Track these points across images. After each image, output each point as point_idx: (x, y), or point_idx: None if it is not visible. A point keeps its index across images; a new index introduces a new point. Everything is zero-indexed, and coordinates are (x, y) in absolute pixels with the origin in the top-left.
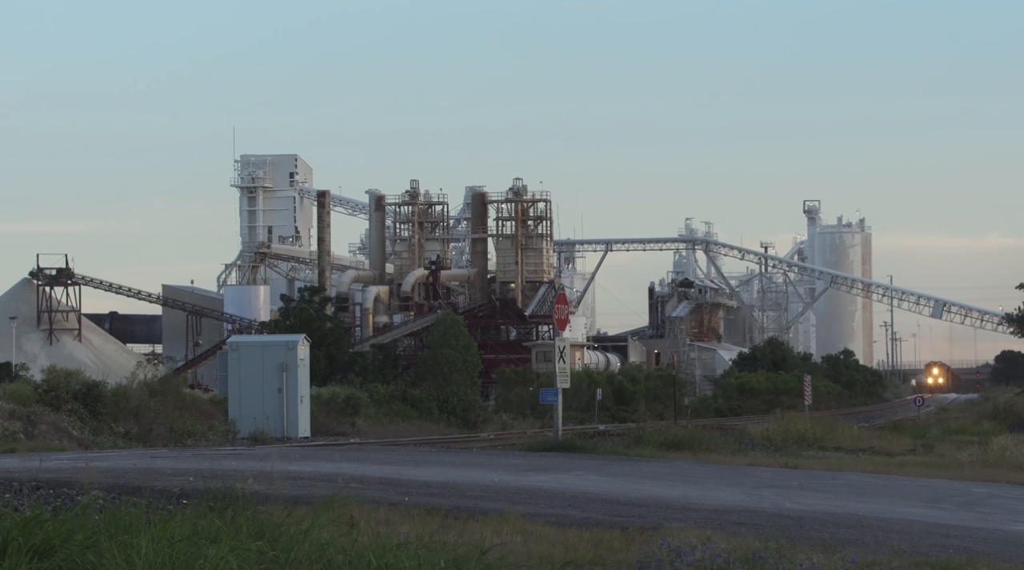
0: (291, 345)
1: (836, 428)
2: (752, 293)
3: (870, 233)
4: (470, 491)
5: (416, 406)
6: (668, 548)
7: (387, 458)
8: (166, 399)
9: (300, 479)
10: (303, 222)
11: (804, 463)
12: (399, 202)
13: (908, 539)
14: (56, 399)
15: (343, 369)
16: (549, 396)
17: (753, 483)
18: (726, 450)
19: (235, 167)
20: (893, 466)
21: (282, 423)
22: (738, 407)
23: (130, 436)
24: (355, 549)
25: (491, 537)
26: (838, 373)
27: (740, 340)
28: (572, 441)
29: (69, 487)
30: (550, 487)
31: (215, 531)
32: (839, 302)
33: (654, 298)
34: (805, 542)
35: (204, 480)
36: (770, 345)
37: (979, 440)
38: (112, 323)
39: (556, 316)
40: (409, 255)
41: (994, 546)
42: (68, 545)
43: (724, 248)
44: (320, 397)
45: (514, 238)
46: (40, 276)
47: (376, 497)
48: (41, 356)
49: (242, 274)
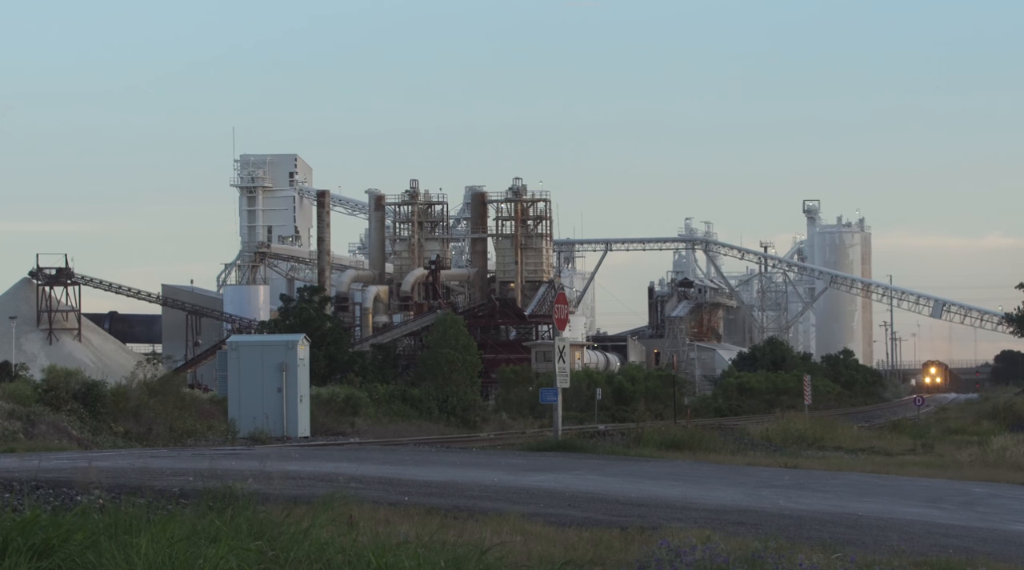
0: (291, 345)
1: (836, 428)
2: (752, 293)
3: (870, 233)
4: (470, 491)
5: (416, 406)
6: (668, 548)
7: (387, 458)
8: (166, 399)
9: (300, 479)
10: (303, 222)
11: (804, 463)
12: (399, 202)
13: (908, 539)
14: (56, 399)
15: (343, 369)
16: (549, 396)
17: (753, 483)
18: (726, 450)
19: (235, 167)
20: (893, 466)
21: (282, 423)
22: (738, 407)
23: (130, 436)
24: (355, 549)
25: (491, 537)
26: (838, 373)
27: (740, 340)
28: (572, 441)
29: (69, 487)
30: (550, 487)
31: (215, 531)
32: (839, 302)
33: (654, 298)
34: (805, 542)
35: (204, 480)
36: (770, 345)
37: (979, 440)
38: (112, 323)
39: (556, 316)
40: (409, 255)
41: (994, 546)
42: (68, 545)
43: (724, 248)
44: (320, 397)
45: (514, 238)
46: (40, 276)
47: (376, 497)
48: (41, 356)
49: (242, 274)
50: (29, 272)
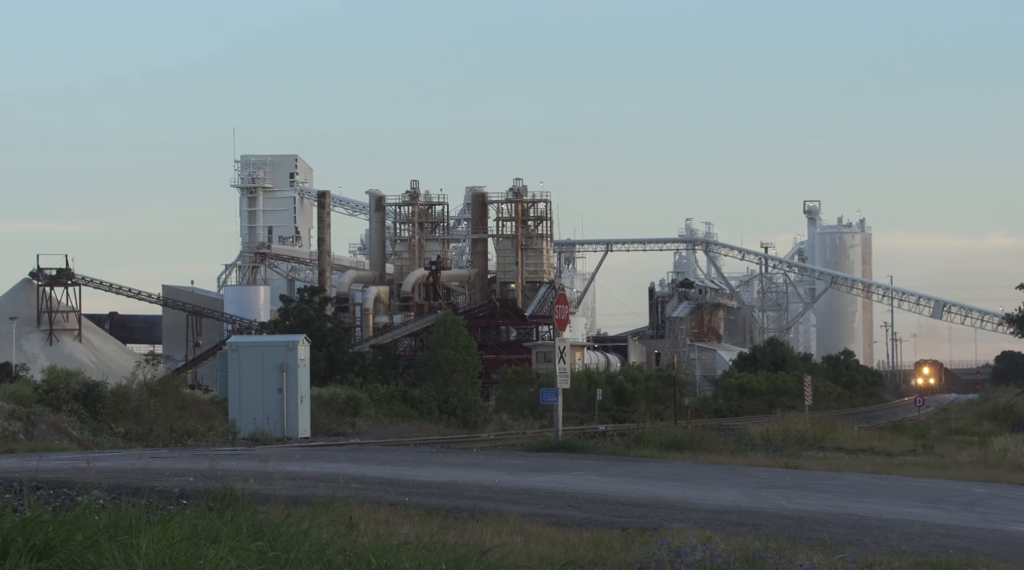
0: (291, 345)
1: (836, 428)
2: (752, 293)
3: (870, 233)
4: (470, 491)
5: (416, 406)
6: (668, 548)
7: (387, 458)
8: (166, 399)
9: (300, 479)
10: (303, 222)
11: (804, 463)
12: (399, 202)
13: (908, 539)
14: (56, 399)
15: (343, 369)
16: (549, 396)
17: (753, 483)
18: (726, 450)
19: (235, 167)
20: (893, 466)
21: (282, 423)
22: (738, 407)
23: (130, 436)
24: (355, 549)
25: (491, 537)
26: (838, 373)
27: (740, 340)
28: (572, 441)
29: (69, 487)
30: (550, 487)
31: (215, 531)
32: (839, 302)
33: (654, 298)
34: (805, 542)
35: (204, 480)
36: (770, 345)
37: (979, 440)
38: (112, 323)
39: (556, 316)
40: (409, 255)
41: (994, 546)
42: (68, 545)
43: (724, 248)
44: (320, 397)
45: (514, 238)
46: (40, 276)
47: (376, 497)
48: (41, 356)
49: (242, 274)
50: (29, 273)
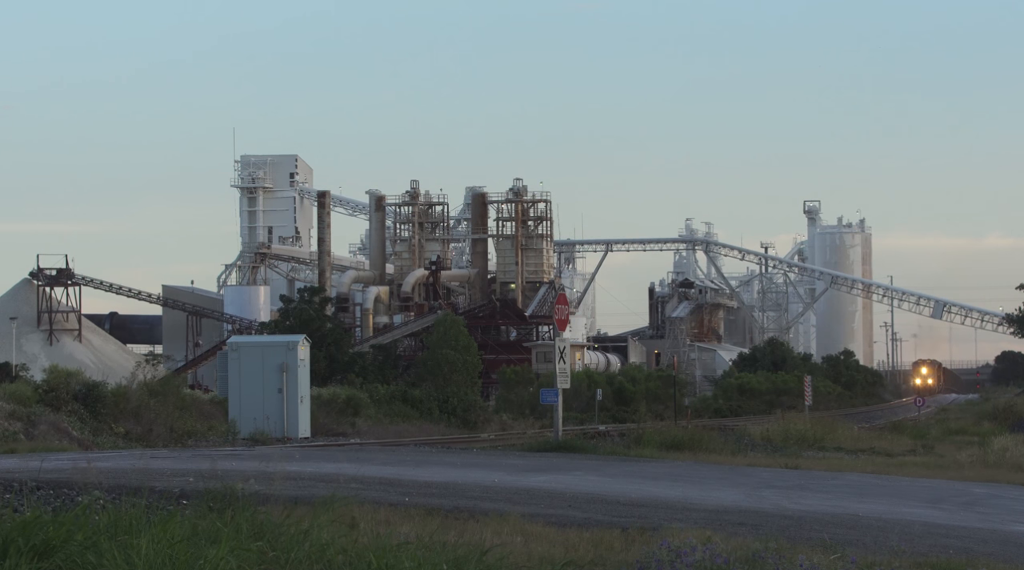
0: (291, 345)
1: (836, 428)
2: (752, 293)
3: (870, 233)
4: (470, 491)
5: (416, 406)
6: (668, 548)
7: (387, 458)
8: (166, 399)
9: (300, 479)
10: (303, 222)
11: (804, 463)
12: (399, 202)
13: (908, 539)
14: (56, 399)
15: (343, 370)
16: (549, 396)
17: (753, 483)
18: (726, 450)
19: (235, 167)
20: (893, 466)
21: (282, 423)
22: (738, 407)
23: (130, 436)
24: (355, 549)
25: (491, 537)
26: (838, 373)
27: (740, 340)
28: (572, 441)
29: (69, 487)
30: (550, 487)
31: (215, 531)
32: (839, 302)
33: (654, 298)
34: (805, 542)
35: (204, 480)
36: (770, 345)
37: (979, 440)
38: (112, 323)
39: (556, 316)
40: (409, 255)
41: (994, 546)
42: (68, 545)
43: (724, 248)
44: (320, 398)
45: (514, 238)
46: (40, 276)
47: (376, 497)
48: (41, 356)
49: (242, 274)
50: (29, 273)
